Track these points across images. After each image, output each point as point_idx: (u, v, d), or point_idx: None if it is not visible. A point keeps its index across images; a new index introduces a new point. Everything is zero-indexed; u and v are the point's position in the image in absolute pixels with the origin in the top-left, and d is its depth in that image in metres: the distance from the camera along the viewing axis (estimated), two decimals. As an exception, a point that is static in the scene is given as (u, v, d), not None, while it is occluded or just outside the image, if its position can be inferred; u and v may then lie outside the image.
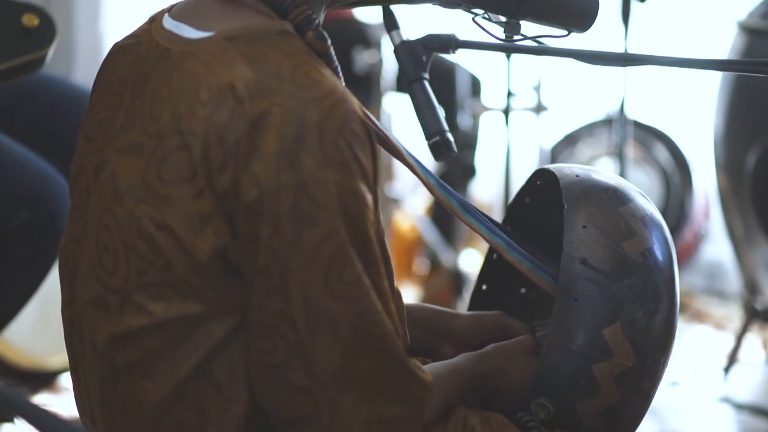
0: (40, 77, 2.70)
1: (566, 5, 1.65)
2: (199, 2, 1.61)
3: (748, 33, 3.81)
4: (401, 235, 4.88)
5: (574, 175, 1.69)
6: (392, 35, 1.82)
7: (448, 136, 1.74)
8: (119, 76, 1.62)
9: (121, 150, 1.55)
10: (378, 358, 1.48)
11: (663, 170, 4.91)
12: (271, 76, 1.47)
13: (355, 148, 1.47)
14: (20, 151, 2.52)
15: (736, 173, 3.80)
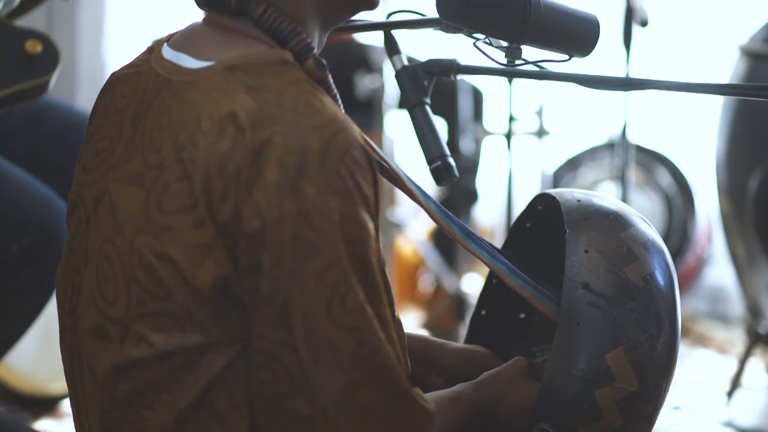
0: (44, 103, 2.70)
1: (567, 30, 1.65)
2: (198, 31, 1.62)
3: (749, 57, 3.81)
4: (403, 259, 4.87)
5: (575, 200, 1.69)
6: (394, 60, 1.83)
7: (450, 160, 1.75)
8: (118, 106, 1.62)
9: (121, 180, 1.55)
10: (381, 386, 1.48)
11: (665, 194, 4.91)
12: (273, 106, 1.47)
13: (356, 175, 1.47)
14: (23, 176, 2.52)
15: (739, 197, 3.80)
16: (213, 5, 1.60)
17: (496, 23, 1.62)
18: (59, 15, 3.12)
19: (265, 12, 1.56)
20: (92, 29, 4.46)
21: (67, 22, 4.29)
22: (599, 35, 1.67)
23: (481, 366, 1.81)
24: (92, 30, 4.46)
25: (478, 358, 1.84)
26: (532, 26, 1.61)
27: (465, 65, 1.79)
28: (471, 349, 1.86)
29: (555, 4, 1.64)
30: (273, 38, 1.57)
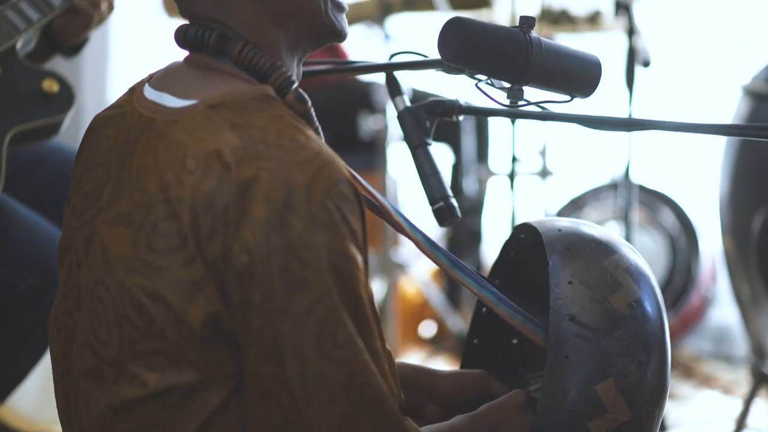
0: (48, 145, 2.73)
1: (569, 71, 1.66)
2: (179, 71, 1.63)
3: (752, 97, 3.82)
4: (407, 300, 4.87)
5: (556, 229, 1.70)
6: (396, 101, 1.84)
7: (452, 201, 1.75)
8: (103, 148, 1.63)
9: (110, 221, 1.55)
10: (374, 419, 1.48)
11: (669, 234, 4.91)
12: (258, 142, 1.48)
13: (343, 209, 1.48)
14: (29, 215, 2.54)
15: (742, 237, 3.80)
16: (193, 45, 1.62)
17: (498, 64, 1.63)
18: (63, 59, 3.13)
19: (243, 49, 1.58)
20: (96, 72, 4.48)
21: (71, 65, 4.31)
22: (601, 76, 1.68)
23: (475, 386, 1.82)
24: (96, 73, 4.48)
25: (472, 379, 1.84)
26: (533, 67, 1.62)
27: (467, 106, 1.80)
28: (464, 372, 1.87)
29: (556, 46, 1.65)
30: (252, 75, 1.59)
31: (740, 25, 5.10)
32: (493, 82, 1.68)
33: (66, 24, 2.63)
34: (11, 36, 2.48)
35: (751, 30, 5.05)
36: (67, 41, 2.66)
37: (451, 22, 1.63)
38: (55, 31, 2.65)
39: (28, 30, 2.50)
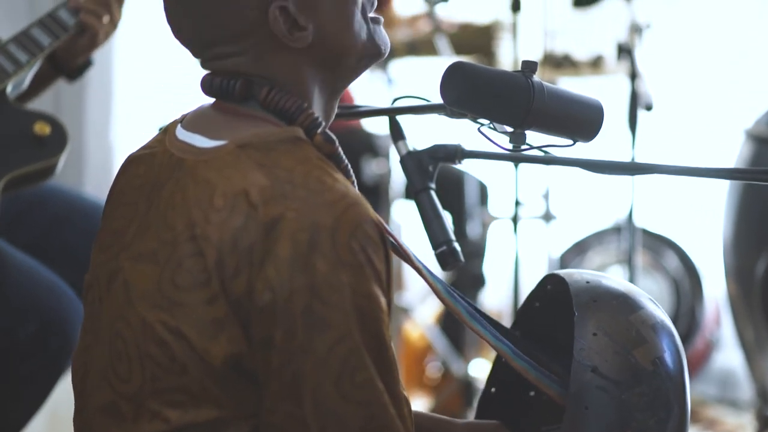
0: (49, 188, 2.72)
1: (571, 115, 1.66)
2: (210, 113, 1.64)
3: (755, 141, 3.82)
4: (411, 344, 4.86)
5: (584, 281, 1.69)
6: (398, 145, 1.84)
7: (455, 245, 1.75)
8: (133, 186, 1.64)
9: (134, 257, 1.56)
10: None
11: (673, 278, 4.90)
12: (285, 182, 1.49)
13: (368, 250, 1.48)
14: (28, 262, 2.53)
15: (746, 281, 3.79)
16: (219, 94, 1.63)
17: (500, 109, 1.63)
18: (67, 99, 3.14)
19: (269, 93, 1.59)
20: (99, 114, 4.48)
21: (75, 107, 4.32)
22: (603, 120, 1.68)
23: None
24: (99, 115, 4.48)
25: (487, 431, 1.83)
26: (535, 112, 1.62)
27: (470, 150, 1.80)
28: (480, 422, 1.86)
29: (558, 90, 1.65)
30: (280, 118, 1.59)
31: (743, 69, 5.11)
32: (496, 127, 1.68)
33: (71, 43, 2.63)
34: (0, 80, 2.47)
35: (754, 74, 5.06)
36: (72, 61, 2.66)
37: (453, 67, 1.63)
38: (60, 53, 2.65)
39: (18, 72, 2.50)
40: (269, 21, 1.58)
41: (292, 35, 1.59)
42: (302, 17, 1.59)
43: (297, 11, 1.58)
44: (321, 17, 1.61)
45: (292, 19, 1.59)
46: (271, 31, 1.58)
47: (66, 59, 2.67)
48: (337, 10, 1.62)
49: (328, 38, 1.61)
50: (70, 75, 2.71)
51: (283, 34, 1.58)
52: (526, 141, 1.66)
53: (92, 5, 2.61)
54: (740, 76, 5.11)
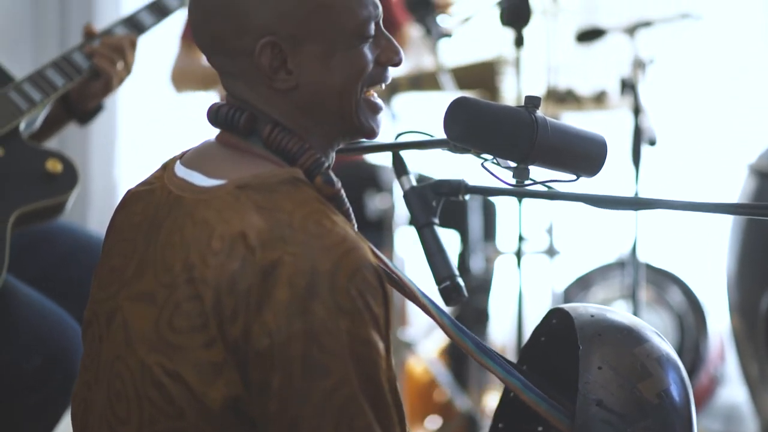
0: (55, 225, 2.74)
1: (574, 151, 1.66)
2: (211, 150, 1.64)
3: (758, 176, 3.82)
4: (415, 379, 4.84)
5: (588, 314, 1.69)
6: (402, 180, 1.84)
7: (459, 280, 1.75)
8: (132, 222, 1.63)
9: (133, 298, 1.56)
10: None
11: (677, 313, 4.89)
12: (283, 225, 1.48)
13: (366, 296, 1.47)
14: (35, 296, 2.53)
15: (750, 316, 3.78)
16: (224, 125, 1.63)
17: (504, 144, 1.63)
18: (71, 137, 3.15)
19: (273, 131, 1.59)
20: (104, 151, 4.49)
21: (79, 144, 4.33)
22: (607, 155, 1.68)
23: None
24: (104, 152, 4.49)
25: None
26: (539, 147, 1.62)
27: (473, 185, 1.80)
28: None
29: (562, 125, 1.65)
30: (281, 157, 1.59)
31: (746, 104, 5.12)
32: (499, 162, 1.69)
33: (85, 87, 2.66)
34: (14, 117, 2.49)
35: (757, 109, 5.06)
36: (85, 105, 2.69)
37: (457, 102, 1.64)
38: (74, 95, 2.68)
39: (31, 110, 2.52)
40: (255, 53, 1.58)
41: (276, 75, 1.59)
42: (293, 61, 1.59)
43: (289, 53, 1.58)
44: (308, 70, 1.60)
45: (282, 59, 1.59)
46: (256, 63, 1.59)
47: (79, 103, 2.70)
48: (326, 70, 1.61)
49: (311, 93, 1.61)
50: (82, 118, 2.74)
51: (265, 71, 1.58)
52: (529, 176, 1.66)
53: (107, 51, 2.65)
54: (743, 111, 5.12)
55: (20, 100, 2.53)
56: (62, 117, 2.74)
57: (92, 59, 2.66)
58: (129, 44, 2.71)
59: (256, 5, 1.58)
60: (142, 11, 2.82)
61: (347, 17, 1.61)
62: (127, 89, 2.79)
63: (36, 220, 2.53)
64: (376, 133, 1.68)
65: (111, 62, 2.66)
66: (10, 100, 2.52)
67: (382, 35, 1.66)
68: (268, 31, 1.58)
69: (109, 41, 2.68)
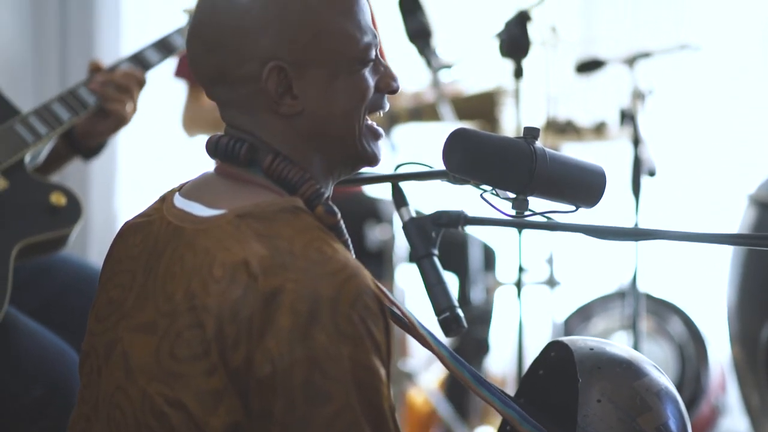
0: (56, 256, 2.74)
1: (574, 181, 1.66)
2: (209, 181, 1.64)
3: (758, 206, 3.82)
4: (415, 409, 4.83)
5: (588, 348, 1.69)
6: (401, 212, 1.84)
7: (458, 311, 1.75)
8: (130, 254, 1.63)
9: (133, 328, 1.56)
10: None
11: (678, 343, 4.88)
12: (284, 253, 1.49)
13: (368, 322, 1.47)
14: (35, 328, 2.54)
15: (751, 346, 3.78)
16: (224, 156, 1.63)
17: (503, 175, 1.63)
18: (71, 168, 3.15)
19: (273, 161, 1.59)
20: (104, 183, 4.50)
21: (79, 175, 4.33)
22: (605, 186, 1.68)
23: None
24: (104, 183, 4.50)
25: None
26: (538, 178, 1.62)
27: (472, 216, 1.80)
28: None
29: (561, 156, 1.65)
30: (282, 187, 1.59)
31: (745, 135, 5.13)
32: (498, 193, 1.69)
33: (92, 124, 2.68)
34: (19, 150, 2.51)
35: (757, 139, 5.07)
36: (90, 142, 2.70)
37: (455, 134, 1.64)
38: (79, 132, 2.70)
39: (36, 144, 2.53)
40: (262, 77, 1.59)
41: (282, 99, 1.60)
42: (297, 86, 1.60)
43: (294, 77, 1.59)
44: (313, 95, 1.61)
45: (287, 84, 1.60)
46: (262, 88, 1.59)
47: (85, 139, 2.72)
48: (330, 94, 1.62)
49: (315, 118, 1.62)
50: (86, 155, 2.75)
51: (272, 96, 1.59)
52: (528, 207, 1.66)
53: (116, 94, 2.67)
54: (743, 141, 5.13)
55: (26, 133, 2.54)
56: (67, 153, 2.76)
57: (102, 101, 2.67)
58: (136, 84, 2.73)
59: (261, 31, 1.59)
60: (148, 49, 2.84)
61: (349, 42, 1.62)
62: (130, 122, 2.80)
63: (39, 252, 2.54)
64: (378, 160, 1.69)
65: (121, 103, 2.68)
66: (16, 132, 2.53)
67: (381, 62, 1.68)
68: (273, 56, 1.59)
69: (118, 83, 2.70)
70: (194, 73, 1.67)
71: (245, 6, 1.60)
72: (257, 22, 1.59)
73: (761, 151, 5.00)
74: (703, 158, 5.27)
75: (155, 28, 3.06)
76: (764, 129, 5.06)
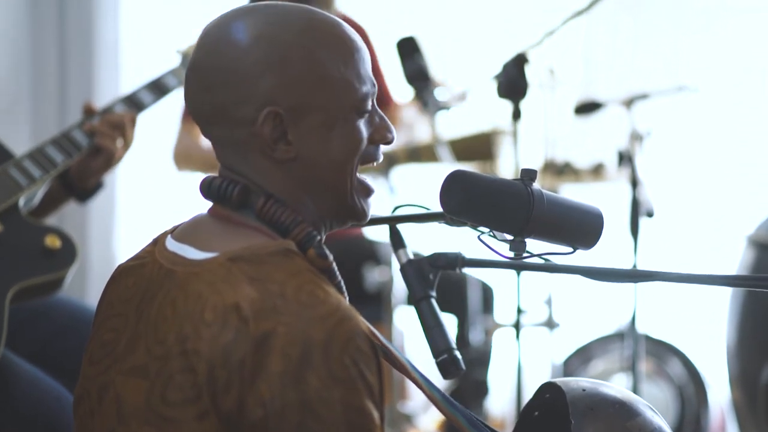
0: (54, 298, 2.73)
1: (571, 223, 1.66)
2: (202, 223, 1.64)
3: (757, 247, 3.82)
4: (414, 452, 4.81)
5: (580, 389, 1.69)
6: (399, 254, 1.84)
7: (456, 354, 1.74)
8: (123, 298, 1.63)
9: (125, 372, 1.55)
10: None
11: (677, 385, 4.87)
12: (276, 296, 1.48)
13: (360, 365, 1.47)
14: (33, 371, 2.53)
15: (751, 387, 3.77)
16: (216, 197, 1.63)
17: (500, 217, 1.63)
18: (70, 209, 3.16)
19: (266, 204, 1.59)
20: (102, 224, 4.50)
21: (78, 217, 4.34)
22: (603, 228, 1.68)
23: None
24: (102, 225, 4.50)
25: None
26: (535, 220, 1.62)
27: (470, 258, 1.80)
28: None
29: (558, 198, 1.65)
30: (274, 229, 1.59)
31: (743, 176, 5.13)
32: (496, 235, 1.69)
33: (85, 164, 2.68)
34: (13, 193, 2.51)
35: (755, 180, 5.08)
36: (84, 182, 2.70)
37: (452, 176, 1.64)
38: (73, 172, 2.70)
39: (31, 187, 2.53)
40: (258, 121, 1.59)
41: (276, 145, 1.60)
42: (293, 132, 1.60)
43: (290, 124, 1.59)
44: (308, 142, 1.62)
45: (282, 130, 1.60)
46: (257, 132, 1.60)
47: (79, 181, 2.72)
48: (325, 143, 1.63)
49: (309, 165, 1.62)
50: (81, 196, 2.76)
51: (266, 140, 1.59)
52: (526, 249, 1.66)
53: (108, 129, 2.68)
54: (741, 182, 5.13)
55: (20, 177, 2.54)
56: (61, 195, 2.76)
57: (93, 137, 2.68)
58: (129, 122, 2.74)
59: (259, 75, 1.59)
60: (141, 90, 2.85)
61: (348, 91, 1.62)
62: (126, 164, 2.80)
63: (35, 295, 2.54)
64: (367, 218, 1.69)
65: (112, 139, 2.68)
66: (10, 176, 2.53)
67: (376, 113, 1.68)
68: (270, 101, 1.59)
69: (110, 119, 2.71)
70: (190, 110, 1.67)
71: (246, 49, 1.60)
72: (257, 66, 1.60)
73: (759, 192, 5.01)
74: (701, 199, 5.27)
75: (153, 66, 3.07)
76: (761, 170, 5.07)
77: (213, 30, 1.65)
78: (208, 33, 1.65)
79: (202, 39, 1.65)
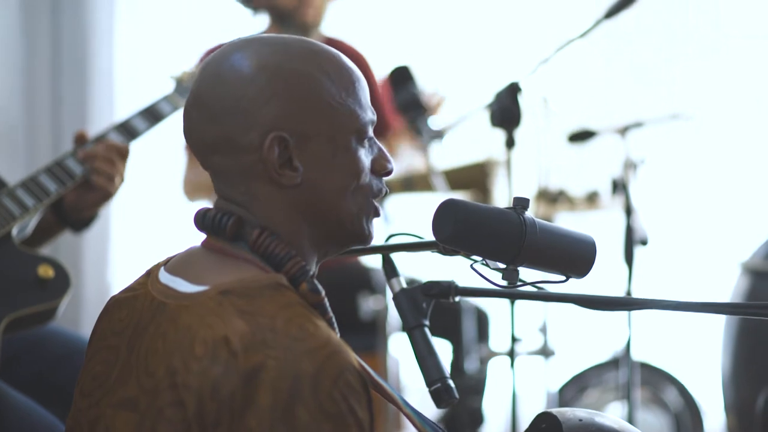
0: (47, 328, 2.72)
1: (564, 252, 1.66)
2: (194, 256, 1.64)
3: (751, 274, 3.82)
4: (410, 482, 4.80)
5: (576, 419, 1.69)
6: (392, 283, 1.84)
7: (449, 382, 1.74)
8: (115, 330, 1.63)
9: (116, 405, 1.55)
10: None
11: (673, 412, 4.86)
12: (266, 329, 1.48)
13: (350, 399, 1.47)
14: (26, 403, 2.52)
15: (746, 415, 3.76)
16: (210, 229, 1.63)
17: (493, 246, 1.63)
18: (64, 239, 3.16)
19: (260, 236, 1.59)
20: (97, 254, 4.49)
21: (72, 247, 4.33)
22: (596, 256, 1.68)
23: None
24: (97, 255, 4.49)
25: None
26: (527, 249, 1.62)
27: (463, 287, 1.79)
28: None
29: (551, 226, 1.65)
30: (267, 262, 1.59)
31: (737, 203, 5.14)
32: (489, 263, 1.69)
33: (79, 198, 2.67)
34: (6, 223, 2.50)
35: (749, 208, 5.09)
36: (79, 214, 2.70)
37: (445, 205, 1.64)
38: (67, 205, 2.69)
39: (24, 216, 2.53)
40: (264, 147, 1.59)
41: (282, 170, 1.60)
42: (298, 158, 1.60)
43: (295, 149, 1.60)
44: (312, 168, 1.62)
45: (288, 156, 1.60)
46: (263, 158, 1.59)
47: (74, 212, 2.71)
48: (329, 169, 1.63)
49: (312, 191, 1.62)
50: (75, 227, 2.75)
51: (272, 166, 1.59)
52: (519, 277, 1.66)
53: (104, 166, 2.66)
54: (735, 209, 5.14)
55: (13, 206, 2.54)
56: (55, 225, 2.75)
57: (89, 175, 2.67)
58: (119, 155, 2.72)
59: (265, 102, 1.60)
60: (135, 117, 2.84)
61: (350, 118, 1.63)
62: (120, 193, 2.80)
63: (28, 325, 2.53)
64: (371, 239, 1.69)
65: (109, 179, 2.67)
66: (3, 205, 2.53)
67: (375, 143, 1.69)
68: (276, 127, 1.59)
69: (102, 154, 2.68)
70: (190, 142, 1.67)
71: (250, 77, 1.61)
72: (262, 93, 1.60)
73: (753, 219, 5.01)
74: (695, 227, 5.28)
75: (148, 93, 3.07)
76: (755, 197, 5.08)
77: (213, 62, 1.65)
78: (208, 65, 1.66)
79: (203, 72, 1.66)
